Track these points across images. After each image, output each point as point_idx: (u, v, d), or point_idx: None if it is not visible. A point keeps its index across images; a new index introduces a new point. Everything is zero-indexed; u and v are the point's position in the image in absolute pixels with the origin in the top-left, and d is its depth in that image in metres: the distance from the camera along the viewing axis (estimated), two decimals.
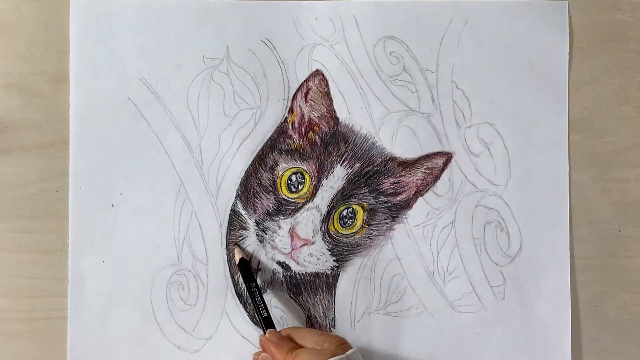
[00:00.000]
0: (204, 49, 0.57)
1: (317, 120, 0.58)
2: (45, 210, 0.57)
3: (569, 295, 0.58)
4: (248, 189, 0.57)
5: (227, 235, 0.57)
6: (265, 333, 0.53)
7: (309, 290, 0.57)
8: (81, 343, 0.56)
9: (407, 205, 0.58)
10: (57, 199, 0.57)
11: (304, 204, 0.57)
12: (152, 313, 0.56)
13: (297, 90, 0.58)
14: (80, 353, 0.56)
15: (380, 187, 0.58)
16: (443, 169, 0.58)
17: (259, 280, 0.57)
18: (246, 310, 0.57)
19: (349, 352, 0.49)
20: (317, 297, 0.57)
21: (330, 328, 0.57)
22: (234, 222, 0.57)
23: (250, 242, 0.57)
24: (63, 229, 0.57)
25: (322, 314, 0.57)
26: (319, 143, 0.58)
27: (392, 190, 0.58)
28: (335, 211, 0.57)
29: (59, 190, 0.57)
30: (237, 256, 0.56)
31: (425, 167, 0.58)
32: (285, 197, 0.57)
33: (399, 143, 0.58)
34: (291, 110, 0.58)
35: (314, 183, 0.57)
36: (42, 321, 0.56)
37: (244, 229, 0.57)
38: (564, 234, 0.58)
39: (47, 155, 0.57)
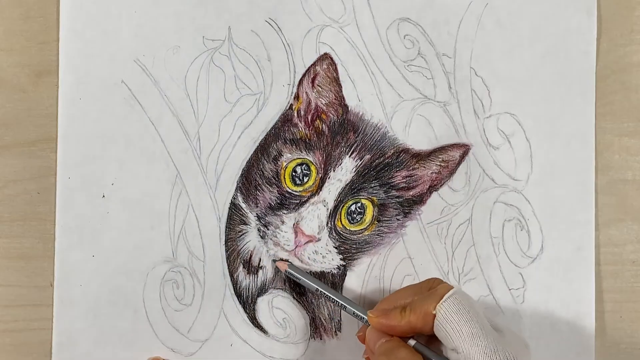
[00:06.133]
0: (204, 30, 0.56)
1: (324, 107, 0.56)
2: (26, 214, 0.55)
3: (594, 301, 0.57)
4: (249, 181, 0.56)
5: (226, 230, 0.56)
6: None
7: (313, 291, 0.55)
8: (67, 344, 0.54)
9: (420, 200, 0.57)
10: (38, 201, 0.55)
11: (309, 198, 0.55)
12: (144, 313, 0.55)
13: (304, 75, 0.56)
14: (66, 355, 0.54)
15: (391, 181, 0.56)
16: (460, 162, 0.57)
17: (259, 280, 0.56)
18: (245, 311, 0.56)
19: (455, 288, 0.47)
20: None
21: (335, 331, 0.56)
22: (234, 217, 0.56)
23: (251, 238, 0.56)
24: (46, 233, 0.55)
25: (327, 316, 0.56)
26: (327, 132, 0.56)
27: (404, 184, 0.57)
28: (343, 206, 0.56)
29: (40, 191, 0.55)
30: (283, 267, 0.55)
31: (440, 159, 0.57)
32: (289, 190, 0.56)
33: (412, 133, 0.57)
34: (297, 97, 0.56)
35: (320, 175, 0.56)
36: (23, 333, 0.54)
37: (245, 223, 0.56)
38: (589, 234, 0.57)
39: (27, 154, 0.55)
